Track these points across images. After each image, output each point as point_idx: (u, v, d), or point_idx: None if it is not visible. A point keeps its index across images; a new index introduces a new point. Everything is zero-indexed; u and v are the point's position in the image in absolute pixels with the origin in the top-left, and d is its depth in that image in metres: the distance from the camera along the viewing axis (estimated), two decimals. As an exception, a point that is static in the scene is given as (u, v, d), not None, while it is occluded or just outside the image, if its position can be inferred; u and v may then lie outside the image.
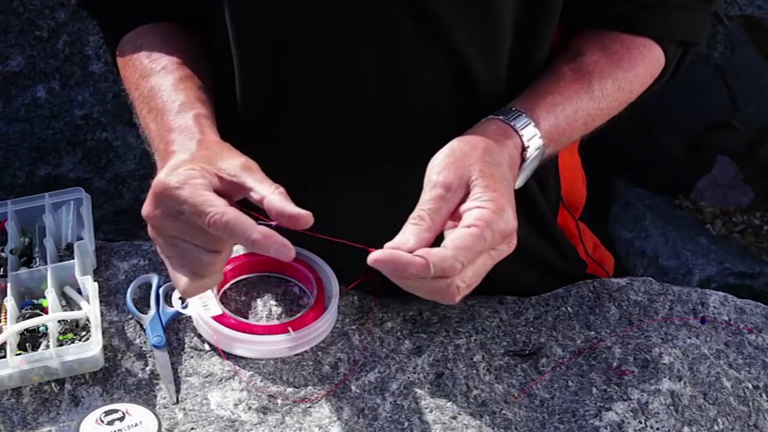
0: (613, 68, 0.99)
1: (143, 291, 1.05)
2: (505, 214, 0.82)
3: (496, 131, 0.90)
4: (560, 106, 0.95)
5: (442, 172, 0.84)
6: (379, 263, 0.78)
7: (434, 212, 0.82)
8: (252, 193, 0.82)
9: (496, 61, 0.97)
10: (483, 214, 0.81)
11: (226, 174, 0.83)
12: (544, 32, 0.98)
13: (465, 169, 0.84)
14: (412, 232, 0.80)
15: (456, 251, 0.79)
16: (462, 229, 0.80)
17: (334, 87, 0.97)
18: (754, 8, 2.26)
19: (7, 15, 2.01)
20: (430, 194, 0.83)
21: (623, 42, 1.01)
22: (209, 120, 0.92)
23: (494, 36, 0.95)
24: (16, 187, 2.12)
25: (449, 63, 0.95)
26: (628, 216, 2.45)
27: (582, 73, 0.98)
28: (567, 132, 0.97)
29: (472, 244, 0.79)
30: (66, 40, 2.05)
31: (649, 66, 1.02)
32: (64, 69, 2.07)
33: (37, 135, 2.10)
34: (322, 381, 0.97)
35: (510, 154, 0.89)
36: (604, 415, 0.95)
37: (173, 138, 0.89)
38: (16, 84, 2.06)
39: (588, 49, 1.00)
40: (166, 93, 0.94)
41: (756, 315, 1.09)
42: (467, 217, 0.81)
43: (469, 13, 0.93)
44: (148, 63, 0.99)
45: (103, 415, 0.89)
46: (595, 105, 0.98)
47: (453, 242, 0.79)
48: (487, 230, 0.80)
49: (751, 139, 2.43)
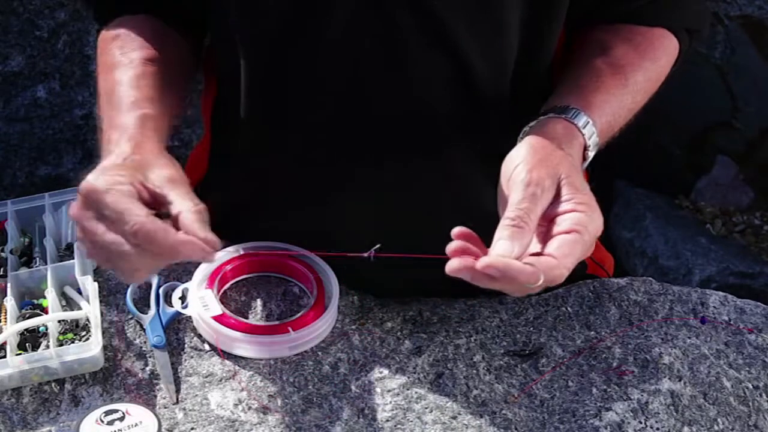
0: (641, 60, 1.00)
1: (143, 291, 1.05)
2: (596, 213, 0.82)
3: (563, 131, 0.89)
4: (608, 103, 0.95)
5: (533, 170, 0.83)
6: (490, 269, 0.76)
7: (530, 211, 0.81)
8: (171, 207, 0.81)
9: (499, 60, 0.97)
10: (580, 218, 0.81)
11: (151, 184, 0.82)
12: (549, 32, 0.98)
13: (554, 168, 0.84)
14: (514, 238, 0.79)
15: (563, 260, 0.79)
16: (564, 236, 0.80)
17: (337, 86, 0.97)
18: (754, 8, 2.26)
19: (7, 15, 2.01)
20: (524, 192, 0.82)
21: (644, 34, 1.01)
22: (154, 121, 0.91)
23: (497, 35, 0.95)
24: (16, 187, 2.12)
25: (451, 62, 0.95)
26: (628, 216, 2.45)
27: (617, 68, 0.98)
28: (614, 127, 0.97)
29: (574, 250, 0.80)
30: (66, 40, 2.05)
31: (669, 56, 1.03)
32: (64, 69, 2.07)
33: (37, 135, 2.10)
34: (322, 381, 0.97)
35: (578, 154, 0.90)
36: (604, 415, 0.95)
37: (113, 137, 0.88)
38: (16, 84, 2.06)
39: (614, 43, 1.00)
40: (122, 88, 0.94)
41: (756, 315, 1.09)
42: (564, 222, 0.81)
43: (471, 12, 0.93)
44: (119, 54, 0.98)
45: (103, 415, 0.89)
46: (632, 98, 0.98)
47: (559, 250, 0.79)
48: (586, 234, 0.80)
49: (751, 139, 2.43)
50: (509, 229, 0.79)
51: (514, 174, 0.84)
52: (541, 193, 0.81)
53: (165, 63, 0.99)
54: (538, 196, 0.81)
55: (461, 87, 0.96)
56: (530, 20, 0.95)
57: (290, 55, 0.96)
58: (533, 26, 0.96)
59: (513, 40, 0.96)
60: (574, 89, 0.95)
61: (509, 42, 0.96)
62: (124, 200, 0.79)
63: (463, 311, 1.06)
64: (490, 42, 0.95)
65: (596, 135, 0.92)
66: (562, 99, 0.93)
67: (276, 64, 0.97)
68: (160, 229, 0.77)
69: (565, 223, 0.80)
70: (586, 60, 0.99)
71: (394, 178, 1.01)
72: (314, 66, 0.96)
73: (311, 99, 0.98)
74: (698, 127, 2.46)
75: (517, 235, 0.79)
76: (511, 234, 0.79)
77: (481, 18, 0.93)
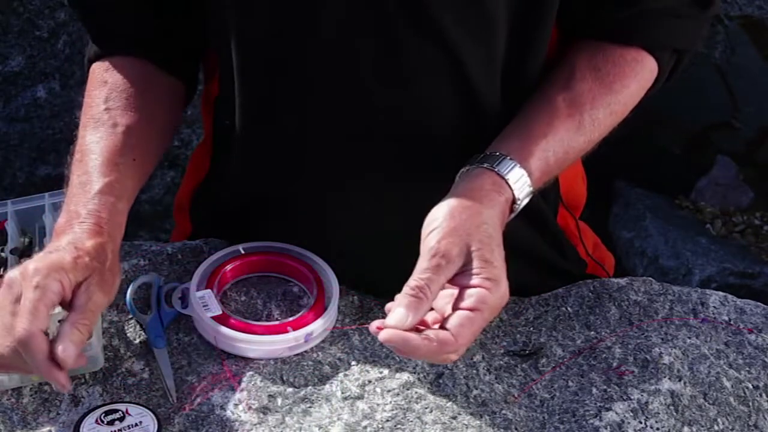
0: (605, 94, 0.99)
1: (143, 291, 1.05)
2: (501, 288, 0.85)
3: (491, 187, 0.91)
4: (552, 150, 0.96)
5: (443, 239, 0.85)
6: (390, 342, 0.81)
7: (432, 282, 0.84)
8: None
9: (489, 55, 0.97)
10: (484, 295, 0.83)
11: (77, 304, 0.87)
12: (539, 31, 0.98)
13: (465, 239, 0.86)
14: (410, 308, 0.82)
15: (460, 337, 0.82)
16: (465, 313, 0.83)
17: (330, 84, 0.97)
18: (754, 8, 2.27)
19: (7, 15, 2.02)
20: (429, 263, 0.85)
21: (615, 61, 1.00)
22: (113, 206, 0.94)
23: (486, 30, 0.95)
24: (16, 187, 2.12)
25: (444, 58, 0.95)
26: (628, 216, 2.45)
27: (575, 107, 0.98)
28: (554, 171, 0.99)
29: (473, 326, 0.83)
30: (66, 40, 2.06)
31: (641, 80, 1.02)
32: (64, 69, 2.07)
33: (37, 135, 2.10)
34: (322, 381, 0.97)
35: (502, 211, 0.91)
36: (604, 415, 0.95)
37: (69, 222, 0.92)
38: (16, 84, 2.07)
39: (581, 74, 0.99)
40: (92, 163, 0.97)
41: (756, 315, 1.08)
42: (468, 298, 0.83)
43: (462, 9, 0.93)
44: (104, 110, 1.01)
45: (103, 415, 0.89)
46: (586, 138, 0.99)
47: (457, 328, 0.82)
48: (486, 311, 0.84)
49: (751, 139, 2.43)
50: (408, 298, 0.83)
51: (427, 239, 0.86)
52: (446, 264, 0.84)
53: (144, 130, 1.01)
54: (443, 267, 0.84)
55: (454, 84, 0.97)
56: (519, 17, 0.96)
57: (283, 54, 0.96)
58: (522, 24, 0.96)
59: (504, 38, 0.96)
60: (521, 132, 0.96)
61: (500, 40, 0.96)
62: (39, 307, 0.83)
63: (463, 311, 1.06)
64: (480, 37, 0.95)
65: (530, 185, 0.93)
66: (506, 143, 0.95)
67: (269, 62, 0.97)
68: (40, 343, 0.82)
69: (469, 300, 0.83)
70: (547, 93, 0.99)
71: (391, 176, 1.01)
72: (307, 65, 0.96)
73: (305, 98, 0.99)
74: (698, 127, 2.46)
75: (413, 305, 0.82)
76: (409, 303, 0.82)
77: (471, 13, 0.93)
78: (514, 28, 0.96)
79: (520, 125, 0.97)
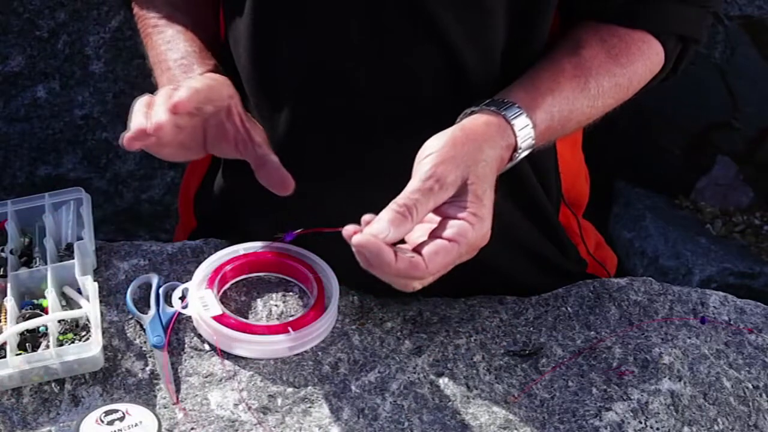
0: (611, 64, 0.99)
1: (143, 291, 1.05)
2: (484, 228, 0.83)
3: (496, 129, 0.89)
4: (557, 107, 0.95)
5: (440, 164, 0.83)
6: (361, 247, 0.78)
7: (420, 204, 0.81)
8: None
9: (487, 48, 0.97)
10: (465, 229, 0.81)
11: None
12: (539, 21, 0.98)
13: (464, 170, 0.84)
14: (394, 223, 0.80)
15: (432, 264, 0.80)
16: (442, 242, 0.80)
17: (324, 75, 0.97)
18: (754, 8, 2.26)
19: (7, 15, 2.02)
20: (421, 185, 0.82)
21: (621, 36, 1.00)
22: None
23: (483, 20, 0.95)
24: (16, 187, 2.12)
25: (440, 49, 0.95)
26: (628, 216, 2.45)
27: (581, 69, 0.97)
28: (558, 131, 0.97)
29: (447, 256, 0.80)
30: (66, 40, 2.06)
31: (647, 61, 1.02)
32: (64, 69, 2.07)
33: (37, 135, 2.10)
34: (322, 381, 0.97)
35: (501, 156, 0.89)
36: (604, 415, 0.95)
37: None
38: (16, 84, 2.06)
39: (587, 42, 0.99)
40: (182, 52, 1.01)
41: (756, 315, 1.09)
42: (449, 228, 0.81)
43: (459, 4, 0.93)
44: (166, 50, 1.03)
45: (103, 415, 0.89)
46: (590, 103, 0.98)
47: (431, 255, 0.80)
48: (464, 246, 0.81)
49: (751, 139, 2.43)
50: (393, 213, 0.80)
51: (423, 161, 0.84)
52: (438, 190, 0.82)
53: (201, 16, 1.07)
54: (435, 191, 0.82)
55: (450, 74, 0.96)
56: (520, 9, 0.95)
57: (278, 45, 0.97)
58: (523, 15, 0.96)
59: (499, 25, 0.96)
60: (528, 86, 0.95)
61: (497, 30, 0.96)
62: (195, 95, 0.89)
63: (463, 311, 1.06)
64: (477, 27, 0.95)
65: (532, 138, 0.92)
66: (513, 93, 0.94)
67: (265, 55, 0.98)
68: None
69: (450, 231, 0.81)
70: (554, 56, 0.99)
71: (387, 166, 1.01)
72: (303, 55, 0.96)
73: (301, 88, 0.99)
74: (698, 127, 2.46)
75: (397, 221, 0.80)
76: (393, 219, 0.80)
77: (467, 4, 0.93)
78: (511, 17, 0.96)
79: (527, 81, 0.96)
